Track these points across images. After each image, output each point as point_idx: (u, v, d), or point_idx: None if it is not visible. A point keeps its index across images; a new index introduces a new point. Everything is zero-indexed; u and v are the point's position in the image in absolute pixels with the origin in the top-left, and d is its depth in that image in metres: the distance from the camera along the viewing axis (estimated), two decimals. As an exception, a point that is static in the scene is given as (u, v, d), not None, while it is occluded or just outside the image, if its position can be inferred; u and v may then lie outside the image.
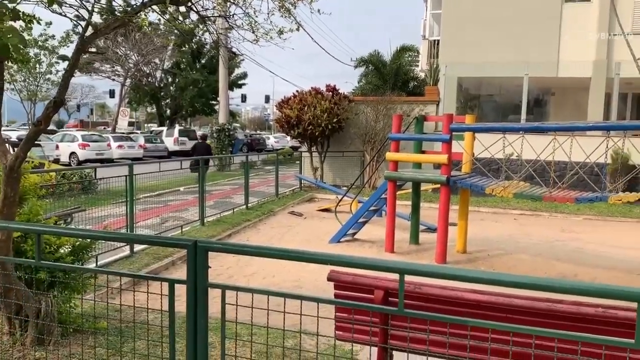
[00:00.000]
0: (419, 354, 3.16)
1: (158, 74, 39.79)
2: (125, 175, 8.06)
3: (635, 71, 14.07)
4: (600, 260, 8.44)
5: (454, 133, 8.09)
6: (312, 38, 46.05)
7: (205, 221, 10.32)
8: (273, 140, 45.02)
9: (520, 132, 7.89)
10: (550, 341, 2.72)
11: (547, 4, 16.57)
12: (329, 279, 3.35)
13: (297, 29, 4.75)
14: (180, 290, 2.31)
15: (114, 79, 37.03)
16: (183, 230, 9.59)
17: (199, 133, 29.93)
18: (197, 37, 33.04)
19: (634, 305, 1.98)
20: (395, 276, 3.00)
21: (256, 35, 4.57)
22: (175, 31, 26.25)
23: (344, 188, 13.35)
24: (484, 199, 13.82)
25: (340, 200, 10.98)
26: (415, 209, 9.42)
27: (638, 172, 9.01)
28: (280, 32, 4.70)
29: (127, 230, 8.05)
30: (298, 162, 18.00)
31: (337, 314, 3.51)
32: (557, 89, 19.88)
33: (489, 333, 2.70)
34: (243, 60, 39.19)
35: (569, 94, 19.29)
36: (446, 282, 2.99)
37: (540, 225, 11.58)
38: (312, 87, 17.34)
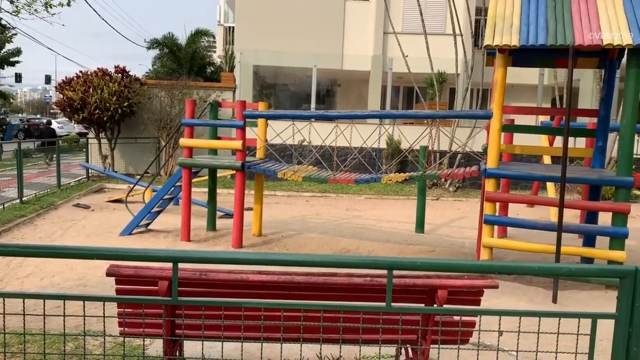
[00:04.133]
0: (195, 339, 3.16)
1: None
2: None
3: (405, 67, 15.97)
4: (378, 234, 9.47)
5: (247, 120, 8.23)
6: (99, 15, 42.43)
7: (-35, 219, 8.85)
8: (56, 125, 40.40)
9: (309, 120, 8.38)
10: (325, 312, 2.95)
11: None
12: (107, 274, 3.14)
13: (69, 4, 4.29)
14: None
15: None
16: None
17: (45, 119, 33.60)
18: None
19: (400, 273, 2.26)
20: (186, 265, 2.95)
21: (16, 7, 4.00)
22: None
23: (138, 176, 12.66)
24: (279, 183, 14.40)
25: (132, 189, 10.38)
26: (212, 195, 9.38)
27: (406, 156, 10.28)
28: (48, 6, 4.19)
29: None
30: (85, 149, 16.49)
31: (119, 309, 3.33)
32: (343, 80, 21.56)
33: (261, 311, 2.81)
34: (15, 34, 34.24)
35: (353, 85, 21.09)
36: (238, 266, 3.03)
37: (329, 206, 12.52)
38: (98, 68, 15.98)
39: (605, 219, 6.84)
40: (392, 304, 3.34)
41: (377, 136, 7.79)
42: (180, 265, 2.74)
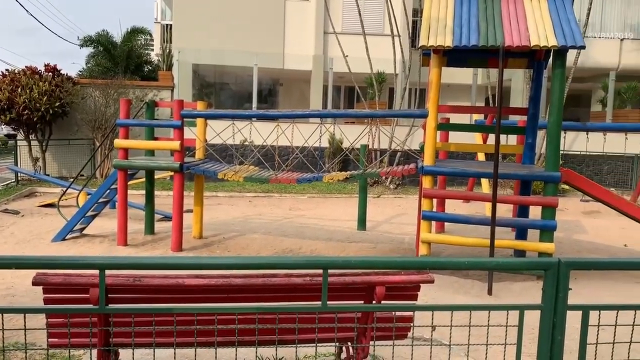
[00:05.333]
0: (128, 348, 3.05)
1: None
2: None
3: (345, 67, 16.14)
4: (321, 233, 9.51)
5: (185, 119, 8.07)
6: (26, 9, 40.37)
7: None
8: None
9: (249, 119, 8.31)
10: (261, 314, 2.93)
11: (272, -1, 17.73)
12: (34, 283, 2.97)
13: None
14: None
15: None
16: None
17: None
18: None
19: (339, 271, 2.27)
20: (118, 271, 2.83)
21: None
22: None
23: (72, 179, 12.13)
24: (221, 184, 14.20)
25: (64, 192, 9.95)
26: (150, 197, 9.12)
27: (348, 155, 10.40)
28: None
29: None
30: (14, 152, 15.64)
31: (48, 320, 3.17)
32: (285, 80, 21.52)
33: (196, 316, 2.76)
34: None
35: (295, 84, 21.09)
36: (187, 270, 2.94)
37: (272, 206, 12.46)
38: (26, 66, 15.20)
39: (536, 212, 7.16)
40: (331, 302, 3.35)
41: (319, 135, 7.82)
42: (116, 271, 2.64)
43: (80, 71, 24.98)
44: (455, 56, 6.98)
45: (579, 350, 2.21)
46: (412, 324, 3.23)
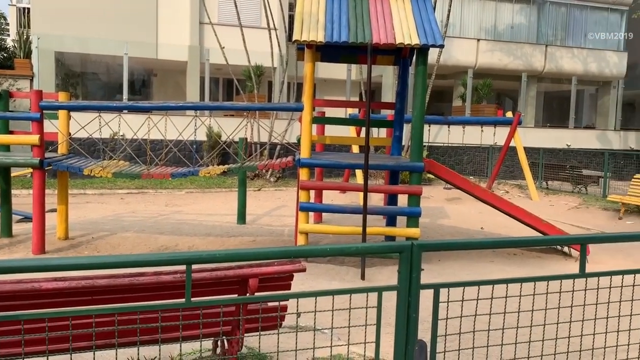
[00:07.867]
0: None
1: None
2: None
3: (223, 58, 15.89)
4: (199, 229, 9.31)
5: (45, 111, 7.44)
6: None
7: None
8: None
9: (119, 112, 7.88)
10: (127, 314, 2.82)
11: (143, -15, 16.89)
12: None
13: None
14: None
15: None
16: None
17: None
18: None
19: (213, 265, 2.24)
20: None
21: None
22: None
23: None
24: (90, 181, 13.33)
25: None
26: (6, 197, 8.31)
27: (227, 148, 10.28)
28: None
29: None
30: None
31: None
32: (159, 70, 20.65)
33: (46, 322, 2.60)
34: None
35: (170, 75, 20.33)
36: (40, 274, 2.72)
37: (147, 202, 11.95)
38: None
39: (405, 200, 7.61)
40: (204, 297, 3.32)
41: (194, 128, 7.64)
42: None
43: None
44: (328, 51, 7.18)
45: (431, 325, 2.41)
46: (284, 313, 3.31)
